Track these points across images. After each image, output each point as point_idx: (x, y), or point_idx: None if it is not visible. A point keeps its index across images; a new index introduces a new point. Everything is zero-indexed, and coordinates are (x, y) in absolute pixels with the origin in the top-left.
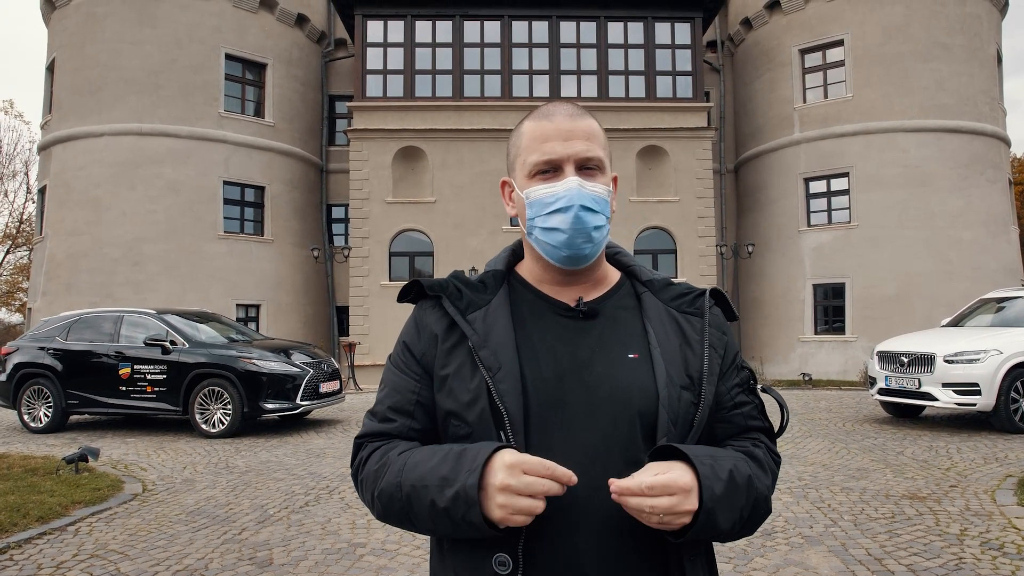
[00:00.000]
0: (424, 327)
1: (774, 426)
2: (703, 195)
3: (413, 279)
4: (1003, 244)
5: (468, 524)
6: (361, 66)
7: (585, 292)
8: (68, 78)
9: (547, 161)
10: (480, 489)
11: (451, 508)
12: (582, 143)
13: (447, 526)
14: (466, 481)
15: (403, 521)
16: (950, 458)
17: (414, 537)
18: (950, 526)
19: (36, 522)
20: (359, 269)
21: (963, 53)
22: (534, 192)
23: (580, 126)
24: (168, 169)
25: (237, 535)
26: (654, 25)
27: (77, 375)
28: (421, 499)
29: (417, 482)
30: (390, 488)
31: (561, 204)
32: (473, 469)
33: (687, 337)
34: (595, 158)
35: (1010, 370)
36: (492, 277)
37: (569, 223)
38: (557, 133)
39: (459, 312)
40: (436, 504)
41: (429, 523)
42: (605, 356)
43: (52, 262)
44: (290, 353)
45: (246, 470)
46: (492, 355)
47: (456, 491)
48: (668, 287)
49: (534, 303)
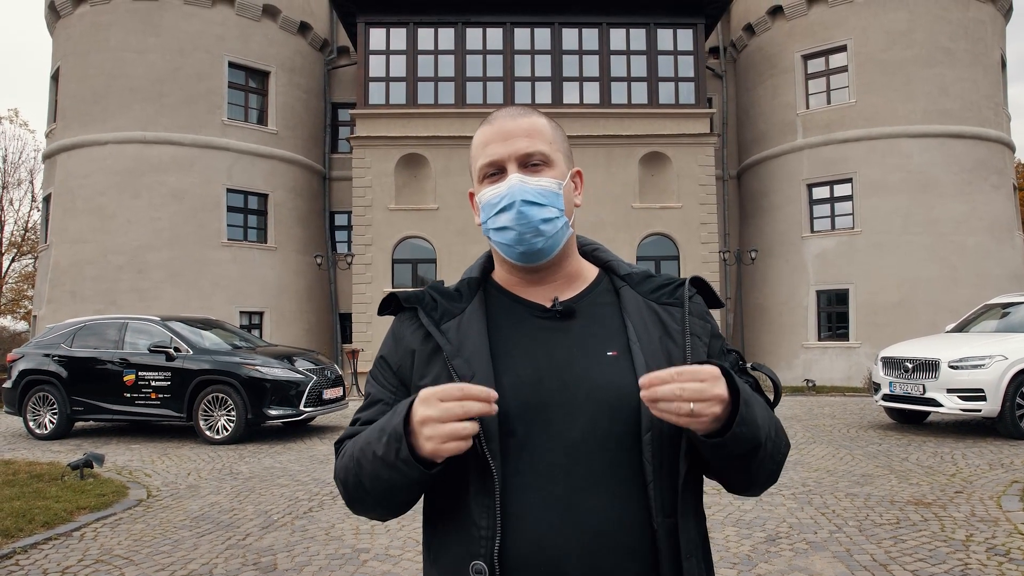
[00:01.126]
0: (400, 339)
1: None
2: (706, 201)
3: (390, 293)
4: (1008, 250)
5: (404, 464)
6: (364, 74)
7: (560, 291)
8: (73, 87)
9: (490, 163)
10: (408, 428)
11: (386, 452)
12: (523, 140)
13: (388, 475)
14: (393, 421)
15: (361, 495)
16: (955, 464)
17: (417, 542)
18: (955, 532)
19: (42, 528)
20: (362, 276)
21: (967, 58)
22: (483, 195)
23: (520, 124)
24: (172, 177)
25: (241, 540)
26: (656, 31)
27: (82, 382)
28: (367, 456)
29: (363, 444)
30: (345, 461)
31: (504, 202)
32: (399, 412)
33: (668, 329)
34: (536, 153)
35: (1015, 376)
36: (467, 285)
37: (513, 219)
38: (498, 135)
39: (433, 323)
40: (376, 454)
41: (375, 481)
42: (583, 355)
43: (57, 270)
44: (294, 360)
45: (250, 476)
46: (465, 363)
47: (388, 435)
48: (647, 279)
49: (510, 307)
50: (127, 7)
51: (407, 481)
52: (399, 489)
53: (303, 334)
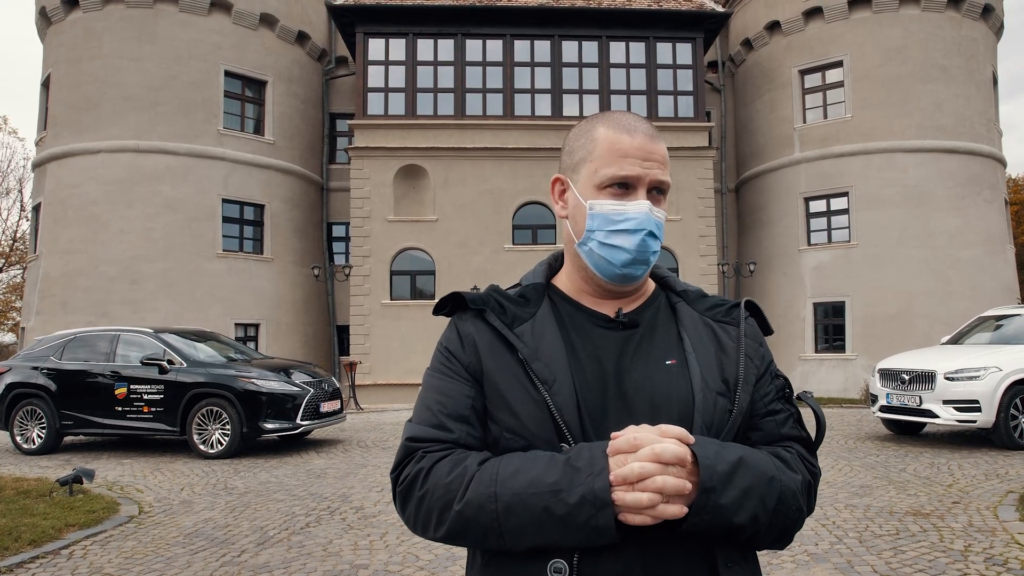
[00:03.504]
0: (467, 337)
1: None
2: (705, 214)
3: (451, 292)
4: (1000, 263)
5: (594, 530)
6: (362, 84)
7: (624, 304)
8: (64, 94)
9: (624, 177)
10: (611, 491)
11: (574, 513)
12: (659, 168)
13: (559, 534)
14: (594, 484)
15: (482, 537)
16: (952, 475)
17: (417, 558)
18: (954, 542)
19: (28, 546)
20: (360, 288)
21: (961, 75)
22: (601, 206)
23: (659, 150)
24: (166, 187)
25: (236, 557)
26: (656, 45)
27: (72, 395)
28: (529, 508)
29: (522, 490)
30: (479, 499)
31: (630, 226)
32: (598, 472)
33: (722, 344)
34: (666, 183)
35: (1009, 387)
36: (533, 290)
37: (635, 245)
38: (638, 151)
39: (505, 326)
40: (552, 511)
41: (532, 535)
42: (643, 363)
43: (47, 280)
44: (290, 372)
45: (245, 491)
46: (545, 368)
47: (582, 495)
48: (702, 298)
49: (574, 315)
50: (121, 14)
51: (586, 544)
52: (563, 547)
53: (300, 346)
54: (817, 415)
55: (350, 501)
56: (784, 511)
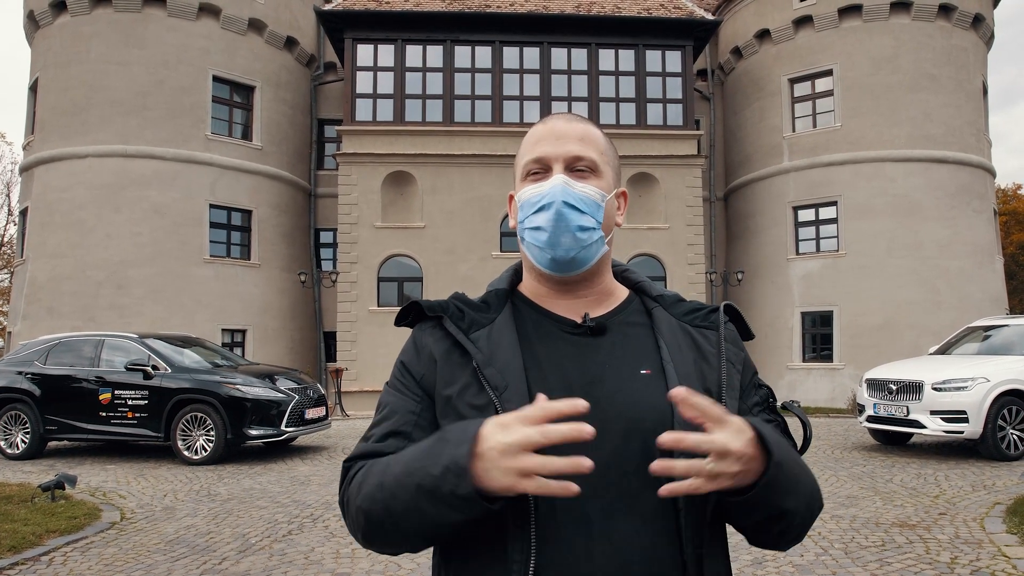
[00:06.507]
0: (423, 348)
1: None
2: (693, 222)
3: (412, 301)
4: (989, 273)
5: (459, 500)
6: (351, 90)
7: (591, 308)
8: (52, 98)
9: (536, 159)
10: (472, 458)
11: (438, 485)
12: (574, 143)
13: (435, 511)
14: (455, 451)
15: (386, 529)
16: (939, 486)
17: (399, 567)
18: (940, 554)
19: (8, 552)
20: (347, 294)
21: (950, 84)
22: (523, 193)
23: (575, 128)
24: (154, 192)
25: (217, 565)
26: (645, 53)
27: (56, 400)
28: (406, 488)
29: (400, 473)
30: (371, 490)
31: (544, 201)
32: (463, 440)
33: (702, 351)
34: (587, 158)
35: (997, 398)
36: (495, 296)
37: (551, 220)
38: (550, 134)
39: (461, 331)
40: (422, 486)
41: (415, 516)
42: (616, 372)
43: (33, 285)
44: (275, 379)
45: (228, 498)
46: (498, 374)
47: (445, 465)
48: (679, 303)
49: (539, 321)
50: (109, 18)
51: (459, 518)
52: (444, 526)
53: (287, 353)
54: (804, 424)
55: (333, 508)
56: (815, 507)
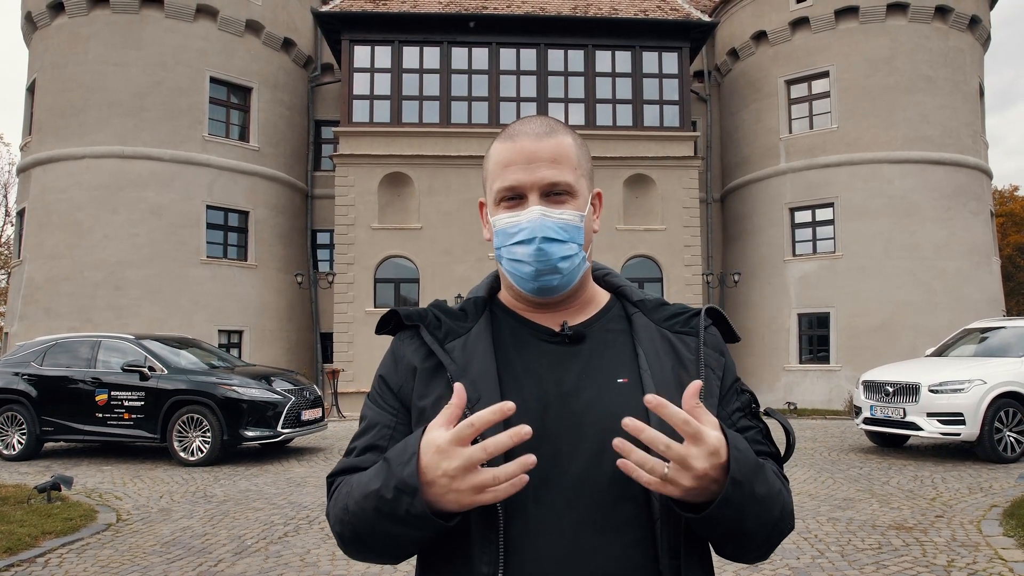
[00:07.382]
0: (401, 359)
1: (780, 450)
2: (690, 224)
3: (391, 309)
4: (985, 275)
5: (416, 519)
6: (348, 91)
7: (570, 316)
8: (49, 99)
9: (509, 188)
10: (423, 485)
11: (393, 508)
12: (547, 168)
13: (395, 530)
14: (402, 472)
15: (360, 547)
16: (935, 488)
17: (395, 570)
18: (937, 557)
19: (4, 553)
20: (344, 295)
21: (947, 86)
22: (499, 221)
23: (545, 147)
24: (151, 193)
25: (213, 567)
26: (642, 54)
27: (52, 401)
28: (365, 511)
29: (359, 497)
30: (339, 512)
31: (523, 236)
32: (404, 461)
33: (681, 358)
34: (562, 183)
35: (994, 400)
36: (473, 304)
37: (532, 256)
38: (520, 156)
39: (437, 341)
40: (380, 510)
41: (380, 535)
42: (592, 382)
43: (31, 286)
44: (272, 380)
45: (224, 499)
46: (471, 385)
47: (394, 488)
48: (661, 307)
49: (517, 329)
50: (107, 20)
51: (419, 535)
52: (409, 543)
53: (283, 354)
54: (787, 430)
55: None
56: (783, 527)
